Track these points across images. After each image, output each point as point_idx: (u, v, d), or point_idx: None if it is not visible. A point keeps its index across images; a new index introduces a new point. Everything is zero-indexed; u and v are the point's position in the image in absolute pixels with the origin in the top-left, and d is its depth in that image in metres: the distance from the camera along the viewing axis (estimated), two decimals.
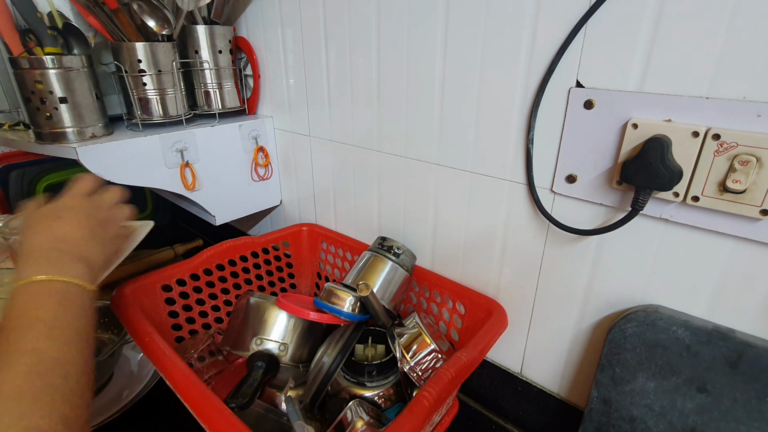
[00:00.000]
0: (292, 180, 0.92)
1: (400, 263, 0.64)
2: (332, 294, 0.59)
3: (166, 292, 0.69)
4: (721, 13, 0.37)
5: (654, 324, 0.45)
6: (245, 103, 0.90)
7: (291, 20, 0.76)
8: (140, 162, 0.73)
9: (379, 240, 0.67)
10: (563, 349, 0.57)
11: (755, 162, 0.37)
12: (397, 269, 0.64)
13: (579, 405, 0.58)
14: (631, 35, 0.42)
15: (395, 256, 0.64)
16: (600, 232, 0.47)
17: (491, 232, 0.60)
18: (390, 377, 0.56)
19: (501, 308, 0.59)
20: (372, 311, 0.59)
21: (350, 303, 0.58)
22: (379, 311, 0.59)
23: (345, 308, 0.58)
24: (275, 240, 0.83)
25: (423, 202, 0.67)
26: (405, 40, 0.60)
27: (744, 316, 0.42)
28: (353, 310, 0.58)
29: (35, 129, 0.69)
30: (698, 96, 0.39)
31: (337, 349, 0.56)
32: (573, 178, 0.49)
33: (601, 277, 0.51)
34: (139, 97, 0.75)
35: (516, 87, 0.51)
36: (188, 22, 0.78)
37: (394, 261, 0.64)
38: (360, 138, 0.72)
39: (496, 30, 0.51)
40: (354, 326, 0.59)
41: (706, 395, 0.43)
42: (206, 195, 0.83)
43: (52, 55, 0.65)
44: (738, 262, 0.41)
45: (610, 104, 0.44)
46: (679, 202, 0.42)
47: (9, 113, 0.87)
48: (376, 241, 0.68)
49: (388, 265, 0.64)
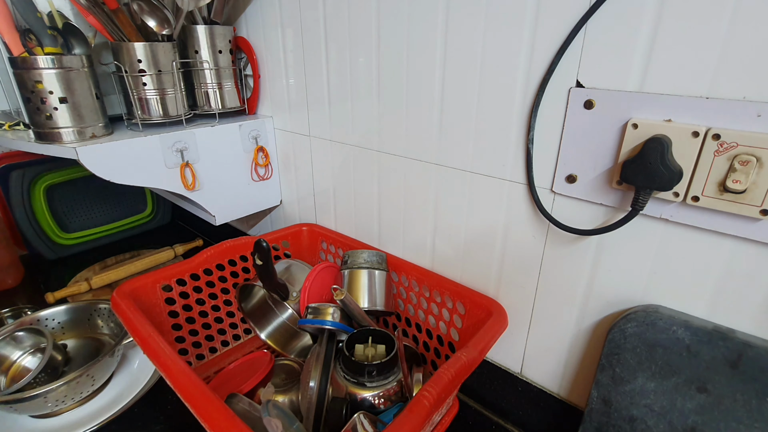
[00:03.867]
0: (292, 180, 0.92)
1: (372, 266, 0.69)
2: (317, 311, 0.63)
3: (166, 292, 0.69)
4: (721, 13, 0.37)
5: (654, 324, 0.45)
6: (245, 103, 0.90)
7: (291, 20, 0.76)
8: (140, 162, 0.73)
9: (345, 257, 0.72)
10: (563, 349, 0.57)
11: (755, 162, 0.37)
12: (373, 272, 0.69)
13: (579, 405, 0.58)
14: (631, 35, 0.42)
15: (366, 263, 0.69)
16: (600, 232, 0.47)
17: (491, 232, 0.60)
18: (390, 377, 0.56)
19: (501, 308, 0.59)
20: (351, 314, 0.63)
21: (332, 313, 0.62)
22: (356, 313, 0.62)
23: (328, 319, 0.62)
24: (275, 240, 0.83)
25: (423, 202, 0.67)
26: (405, 40, 0.60)
27: (744, 316, 0.42)
28: (338, 319, 0.62)
29: (35, 129, 0.70)
30: (698, 96, 0.39)
31: (319, 371, 0.56)
32: (573, 178, 0.49)
33: (601, 277, 0.51)
34: (139, 97, 0.75)
35: (516, 87, 0.51)
36: (188, 22, 0.78)
37: (367, 268, 0.69)
38: (360, 138, 0.72)
39: (496, 30, 0.51)
40: (327, 338, 0.60)
41: (706, 395, 0.43)
42: (206, 195, 0.83)
43: (52, 55, 0.65)
44: (738, 262, 0.41)
45: (610, 104, 0.44)
46: (679, 202, 0.42)
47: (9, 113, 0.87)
48: (343, 259, 0.72)
49: (364, 274, 0.69)
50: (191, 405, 0.45)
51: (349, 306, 0.61)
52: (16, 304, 0.92)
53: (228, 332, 0.79)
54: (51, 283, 1.03)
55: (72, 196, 1.14)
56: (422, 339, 0.70)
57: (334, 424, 0.51)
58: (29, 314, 0.79)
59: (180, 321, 0.71)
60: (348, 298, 0.61)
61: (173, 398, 0.70)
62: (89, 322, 0.82)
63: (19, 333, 0.75)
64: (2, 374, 0.72)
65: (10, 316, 0.88)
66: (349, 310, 0.62)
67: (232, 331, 0.80)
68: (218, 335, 0.77)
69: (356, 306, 0.62)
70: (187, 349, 0.72)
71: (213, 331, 0.77)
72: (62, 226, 1.14)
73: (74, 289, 0.95)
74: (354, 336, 0.60)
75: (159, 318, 0.68)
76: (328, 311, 0.62)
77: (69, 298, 0.93)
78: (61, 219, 1.14)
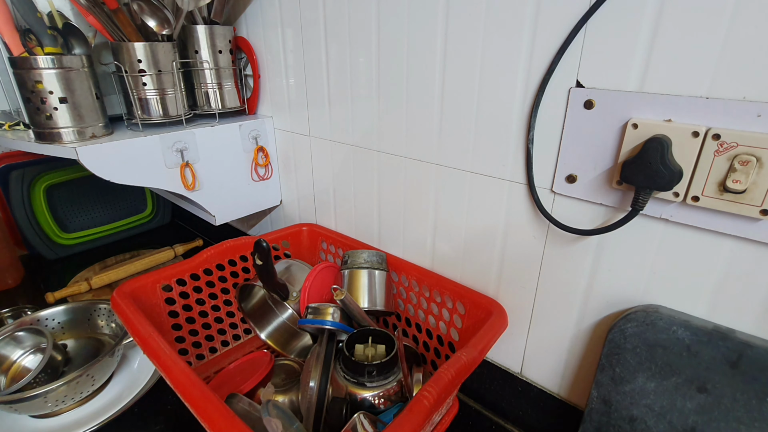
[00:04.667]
0: (292, 180, 0.92)
1: (372, 266, 0.69)
2: (317, 310, 0.63)
3: (166, 292, 0.69)
4: (721, 13, 0.37)
5: (654, 324, 0.45)
6: (245, 103, 0.90)
7: (291, 20, 0.76)
8: (140, 162, 0.73)
9: (345, 257, 0.72)
10: (563, 349, 0.57)
11: (755, 162, 0.37)
12: (373, 272, 0.69)
13: (579, 405, 0.58)
14: (631, 35, 0.42)
15: (366, 263, 0.69)
16: (600, 232, 0.47)
17: (491, 232, 0.60)
18: (390, 377, 0.56)
19: (501, 308, 0.59)
20: (351, 313, 0.63)
21: (332, 313, 0.62)
22: (356, 313, 0.62)
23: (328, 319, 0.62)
24: (275, 240, 0.83)
25: (423, 202, 0.67)
26: (405, 40, 0.60)
27: (744, 316, 0.42)
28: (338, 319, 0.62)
29: (35, 129, 0.69)
30: (698, 96, 0.39)
31: (319, 371, 0.56)
32: (573, 178, 0.49)
33: (601, 277, 0.51)
34: (139, 97, 0.75)
35: (516, 87, 0.51)
36: (188, 22, 0.78)
37: (367, 268, 0.69)
38: (360, 138, 0.72)
39: (496, 30, 0.51)
40: (327, 338, 0.60)
41: (706, 395, 0.43)
42: (206, 195, 0.83)
43: (52, 55, 0.65)
44: (738, 262, 0.41)
45: (610, 104, 0.44)
46: (679, 202, 0.42)
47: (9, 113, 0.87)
48: (343, 259, 0.72)
49: (364, 274, 0.69)
50: (191, 405, 0.45)
51: (349, 306, 0.61)
52: (16, 304, 0.92)
53: (228, 332, 0.79)
54: (51, 283, 1.03)
55: (72, 196, 1.14)
56: (422, 339, 0.70)
57: (334, 424, 0.51)
58: (29, 314, 0.79)
59: (180, 321, 0.71)
60: (348, 298, 0.61)
61: (173, 398, 0.70)
62: (89, 322, 0.82)
63: (19, 333, 0.75)
64: (2, 374, 0.72)
65: (10, 316, 0.88)
66: (349, 310, 0.62)
67: (232, 331, 0.80)
68: (218, 335, 0.77)
69: (356, 306, 0.62)
70: (187, 349, 0.72)
71: (213, 331, 0.77)
72: (62, 226, 1.14)
73: (74, 289, 0.95)
74: (354, 336, 0.60)
75: (159, 318, 0.68)
76: (328, 311, 0.62)
77: (69, 298, 0.94)
78: (61, 219, 1.14)
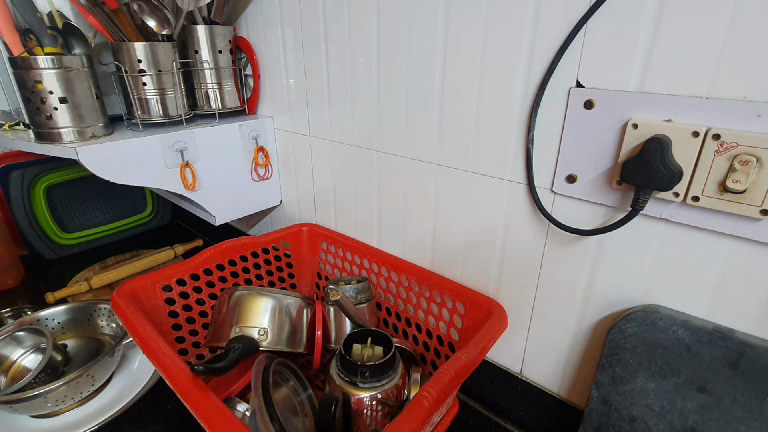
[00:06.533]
0: (292, 180, 0.92)
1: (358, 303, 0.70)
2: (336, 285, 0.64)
3: (166, 292, 0.69)
4: (721, 13, 0.37)
5: (654, 324, 0.45)
6: (245, 103, 0.90)
7: (291, 20, 0.76)
8: (140, 162, 0.73)
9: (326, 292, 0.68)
10: (563, 349, 0.57)
11: (755, 162, 0.37)
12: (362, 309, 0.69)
13: (579, 405, 0.58)
14: (631, 35, 0.42)
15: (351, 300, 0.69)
16: (600, 232, 0.47)
17: (491, 232, 0.60)
18: (383, 380, 0.55)
19: (501, 308, 0.59)
20: (347, 314, 0.63)
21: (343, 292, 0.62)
22: (353, 313, 0.63)
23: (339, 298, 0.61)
24: (275, 240, 0.83)
25: (423, 202, 0.67)
26: (405, 40, 0.60)
27: (744, 316, 0.42)
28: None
29: (35, 129, 0.69)
30: (698, 96, 0.39)
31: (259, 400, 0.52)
32: (573, 178, 0.49)
33: (601, 277, 0.51)
34: (139, 97, 0.75)
35: (516, 87, 0.51)
36: (188, 22, 0.78)
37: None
38: (360, 138, 0.72)
39: (496, 30, 0.51)
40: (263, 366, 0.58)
41: (706, 395, 0.43)
42: (206, 195, 0.83)
43: (52, 55, 0.65)
44: (738, 262, 0.41)
45: (610, 104, 0.44)
46: (679, 202, 0.42)
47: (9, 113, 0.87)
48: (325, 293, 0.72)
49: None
50: (191, 405, 0.45)
51: (345, 307, 0.61)
52: (16, 304, 0.92)
53: None
54: (51, 283, 1.03)
55: (72, 196, 1.15)
56: (422, 339, 0.70)
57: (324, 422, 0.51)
58: (29, 314, 0.79)
59: (180, 321, 0.71)
60: (344, 298, 0.61)
61: (173, 398, 0.70)
62: (89, 322, 0.82)
63: (19, 333, 0.75)
64: (2, 374, 0.72)
65: (10, 316, 0.88)
66: (345, 311, 0.62)
67: None
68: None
69: (353, 306, 0.63)
70: (187, 349, 0.72)
71: None
72: (62, 226, 1.14)
73: (74, 289, 0.95)
74: (354, 335, 0.60)
75: (159, 318, 0.68)
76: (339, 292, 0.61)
77: (69, 298, 0.94)
78: (61, 219, 1.14)
